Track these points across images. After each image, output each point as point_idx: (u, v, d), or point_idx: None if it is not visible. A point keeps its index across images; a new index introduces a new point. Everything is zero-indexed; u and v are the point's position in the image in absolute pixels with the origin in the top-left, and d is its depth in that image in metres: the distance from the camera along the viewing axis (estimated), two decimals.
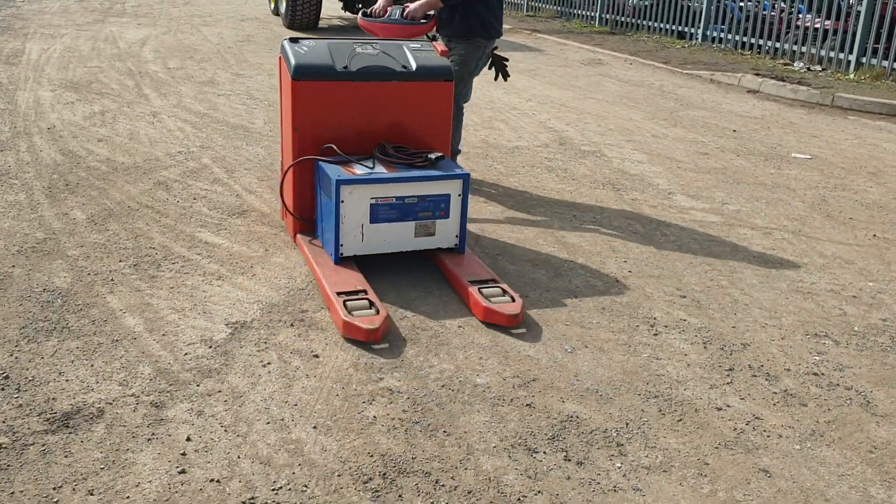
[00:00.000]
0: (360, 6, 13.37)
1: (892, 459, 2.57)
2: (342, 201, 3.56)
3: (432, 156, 3.77)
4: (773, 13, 11.29)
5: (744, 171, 5.74)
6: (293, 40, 3.99)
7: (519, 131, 6.66)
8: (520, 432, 2.61)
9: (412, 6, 4.59)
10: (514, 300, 3.40)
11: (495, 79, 4.97)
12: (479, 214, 4.63)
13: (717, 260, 4.14)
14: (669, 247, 4.29)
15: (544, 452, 2.52)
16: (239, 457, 2.43)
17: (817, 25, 10.62)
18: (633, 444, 2.59)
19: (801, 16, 10.93)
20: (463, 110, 4.87)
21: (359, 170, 3.64)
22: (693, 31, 12.58)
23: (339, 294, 3.34)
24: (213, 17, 13.75)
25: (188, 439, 2.49)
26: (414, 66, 3.94)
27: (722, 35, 12.10)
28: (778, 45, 11.14)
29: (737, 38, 11.81)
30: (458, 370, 2.97)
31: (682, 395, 2.89)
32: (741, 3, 11.86)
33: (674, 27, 12.96)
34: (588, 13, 14.87)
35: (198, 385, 2.79)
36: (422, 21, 4.60)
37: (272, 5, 14.05)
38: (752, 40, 11.54)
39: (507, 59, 4.96)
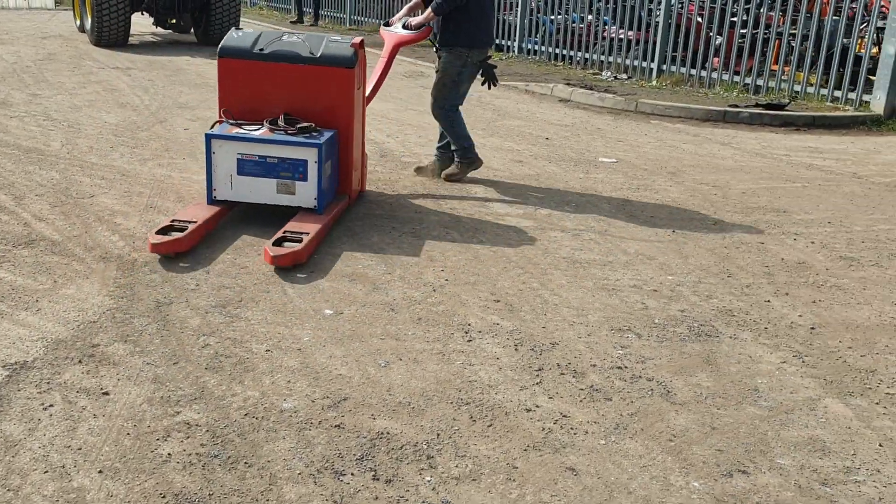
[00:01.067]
0: (171, 21, 12.85)
1: (690, 446, 2.68)
2: (213, 153, 4.43)
3: (302, 125, 4.44)
4: (582, 26, 11.86)
5: (555, 177, 5.93)
6: (238, 28, 4.58)
7: None
8: (327, 455, 2.50)
9: (413, 19, 5.31)
10: (300, 242, 3.99)
11: (482, 84, 5.51)
12: None
13: (529, 263, 4.22)
14: (485, 253, 4.33)
15: (352, 474, 2.42)
16: None
17: (622, 36, 11.25)
18: (443, 455, 2.54)
19: (607, 28, 11.54)
20: (457, 112, 5.47)
21: (254, 132, 4.43)
22: (509, 43, 13.00)
23: (172, 220, 4.19)
24: (10, 34, 12.75)
25: None
26: (319, 53, 4.55)
27: (536, 47, 12.57)
28: (587, 55, 11.71)
29: (550, 50, 12.31)
30: (264, 396, 2.82)
31: (493, 399, 2.88)
32: (552, 17, 12.38)
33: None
34: None
35: None
36: (415, 31, 5.25)
37: (77, 22, 13.22)
38: (564, 52, 12.07)
39: (495, 66, 5.51)
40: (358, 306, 3.59)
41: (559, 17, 12.22)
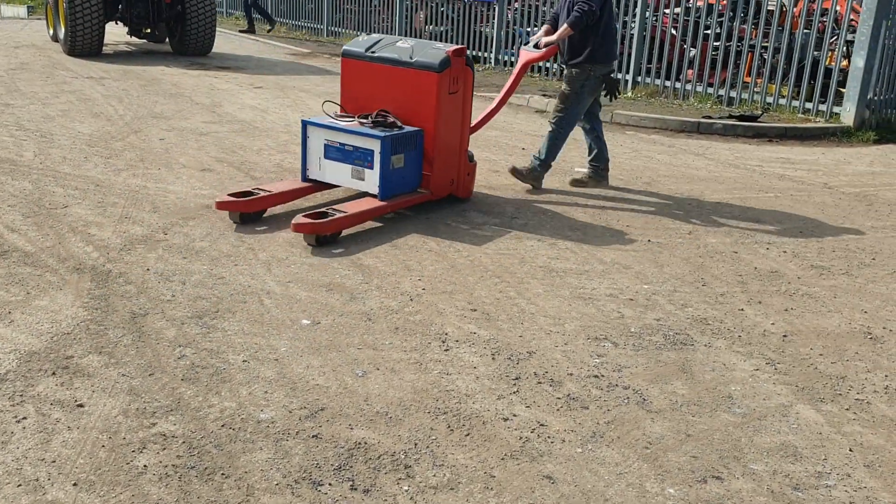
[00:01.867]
0: (146, 31, 12.78)
1: (665, 453, 2.71)
2: (308, 137, 5.10)
3: (380, 120, 4.94)
4: None
5: (532, 187, 5.96)
6: (368, 33, 4.96)
7: None
8: (305, 466, 2.50)
9: (545, 38, 5.68)
10: (327, 215, 4.48)
11: (604, 96, 5.90)
12: (270, 243, 4.48)
13: (506, 272, 4.24)
14: (463, 262, 4.35)
15: (329, 484, 2.42)
16: None
17: None
18: (420, 464, 2.55)
19: None
20: (570, 127, 5.82)
21: (342, 122, 5.00)
22: (486, 55, 13.07)
23: (254, 188, 4.99)
24: None
25: None
26: (414, 58, 4.95)
27: (513, 59, 12.64)
28: (564, 67, 11.77)
29: None
30: (241, 407, 2.81)
31: (470, 408, 2.90)
32: (528, 30, 12.47)
33: (470, 52, 13.40)
34: None
35: None
36: (542, 48, 5.67)
37: (50, 31, 13.10)
38: (541, 63, 12.14)
39: (618, 81, 5.94)
40: (335, 316, 3.59)
41: (535, 29, 12.30)
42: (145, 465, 2.45)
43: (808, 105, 9.18)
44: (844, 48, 9.20)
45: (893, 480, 2.62)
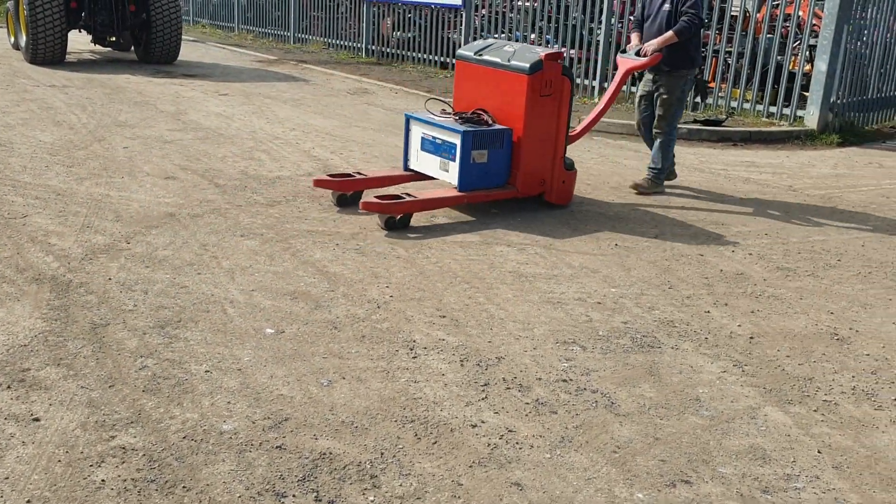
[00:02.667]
0: (111, 39, 12.61)
1: (634, 457, 2.69)
2: (409, 130, 5.53)
3: (469, 117, 5.28)
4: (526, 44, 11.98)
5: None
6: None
7: (281, 161, 6.50)
8: (268, 477, 2.45)
9: (648, 45, 5.82)
10: (400, 198, 4.90)
11: (696, 97, 6.65)
12: (234, 251, 4.42)
13: (475, 278, 4.21)
14: (431, 269, 4.32)
15: (294, 496, 2.37)
16: None
17: (565, 55, 11.40)
18: (387, 474, 2.51)
19: (550, 46, 11.69)
20: (675, 133, 6.17)
21: (436, 118, 5.37)
22: (454, 61, 13.06)
23: (354, 172, 5.56)
24: None
25: None
26: (511, 61, 5.22)
27: None
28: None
29: None
30: (203, 418, 2.75)
31: (438, 416, 2.86)
32: (496, 36, 12.48)
33: (437, 58, 13.40)
34: (355, 44, 15.02)
35: None
36: (644, 56, 5.81)
37: (11, 39, 12.87)
38: None
39: (707, 81, 6.39)
40: (300, 325, 3.54)
41: (502, 35, 12.33)
42: (103, 480, 2.38)
43: (773, 109, 9.29)
44: (807, 53, 9.33)
45: (862, 482, 2.63)
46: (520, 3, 12.29)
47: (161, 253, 4.29)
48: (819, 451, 2.78)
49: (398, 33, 14.22)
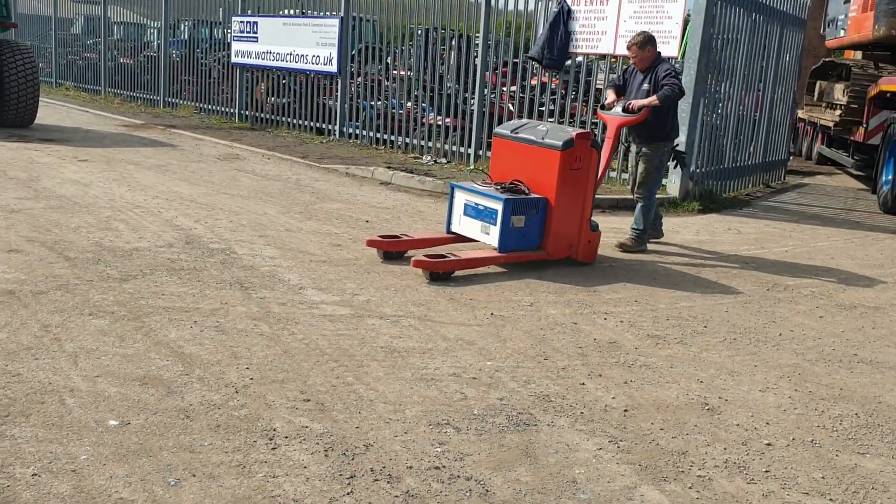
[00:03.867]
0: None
1: None
2: (454, 197, 6.11)
3: (509, 187, 5.87)
4: (402, 112, 12.05)
5: (376, 261, 5.79)
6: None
7: (140, 231, 6.11)
8: None
9: (635, 102, 6.37)
10: (445, 257, 5.47)
11: (674, 167, 7.33)
12: (80, 331, 4.02)
13: (344, 355, 4.00)
14: (297, 346, 4.07)
15: None
16: None
17: (440, 123, 11.53)
18: None
19: (426, 114, 11.79)
20: (655, 200, 6.78)
21: (479, 186, 6.00)
22: (331, 127, 12.98)
23: (401, 234, 6.18)
24: None
25: None
26: (545, 139, 5.81)
27: (357, 131, 12.62)
28: (408, 140, 11.88)
29: (371, 134, 12.39)
30: None
31: None
32: (373, 103, 12.51)
33: (313, 124, 13.26)
34: (228, 109, 14.70)
35: None
36: (630, 112, 6.40)
37: None
38: (385, 136, 12.18)
39: (684, 153, 7.04)
40: (148, 414, 3.21)
41: (379, 103, 12.37)
42: None
43: None
44: None
45: None
46: (394, 72, 12.39)
47: None
48: None
49: (273, 99, 14.02)
